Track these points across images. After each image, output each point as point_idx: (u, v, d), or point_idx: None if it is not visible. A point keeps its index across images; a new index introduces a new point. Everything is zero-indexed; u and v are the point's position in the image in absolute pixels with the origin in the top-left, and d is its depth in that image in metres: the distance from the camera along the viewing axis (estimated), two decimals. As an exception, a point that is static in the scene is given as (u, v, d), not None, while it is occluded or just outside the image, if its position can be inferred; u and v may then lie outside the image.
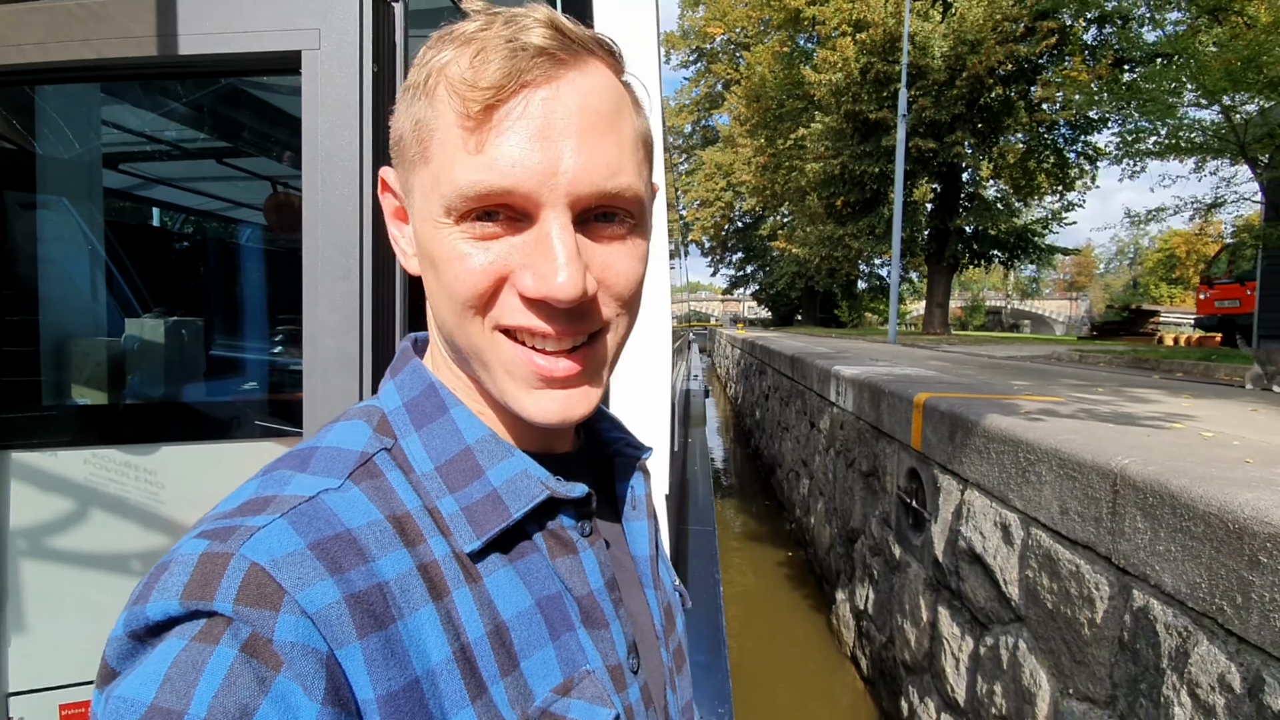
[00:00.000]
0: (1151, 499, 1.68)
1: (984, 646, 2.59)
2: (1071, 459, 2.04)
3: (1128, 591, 1.79)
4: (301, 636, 0.32)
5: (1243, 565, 1.41)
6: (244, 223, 2.87)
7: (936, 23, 12.57)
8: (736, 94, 21.39)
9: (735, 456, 11.86)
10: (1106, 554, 1.86)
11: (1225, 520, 1.46)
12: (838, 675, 4.50)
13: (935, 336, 13.25)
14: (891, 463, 3.84)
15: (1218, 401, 3.53)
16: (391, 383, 0.47)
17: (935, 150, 12.50)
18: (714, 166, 28.62)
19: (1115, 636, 1.83)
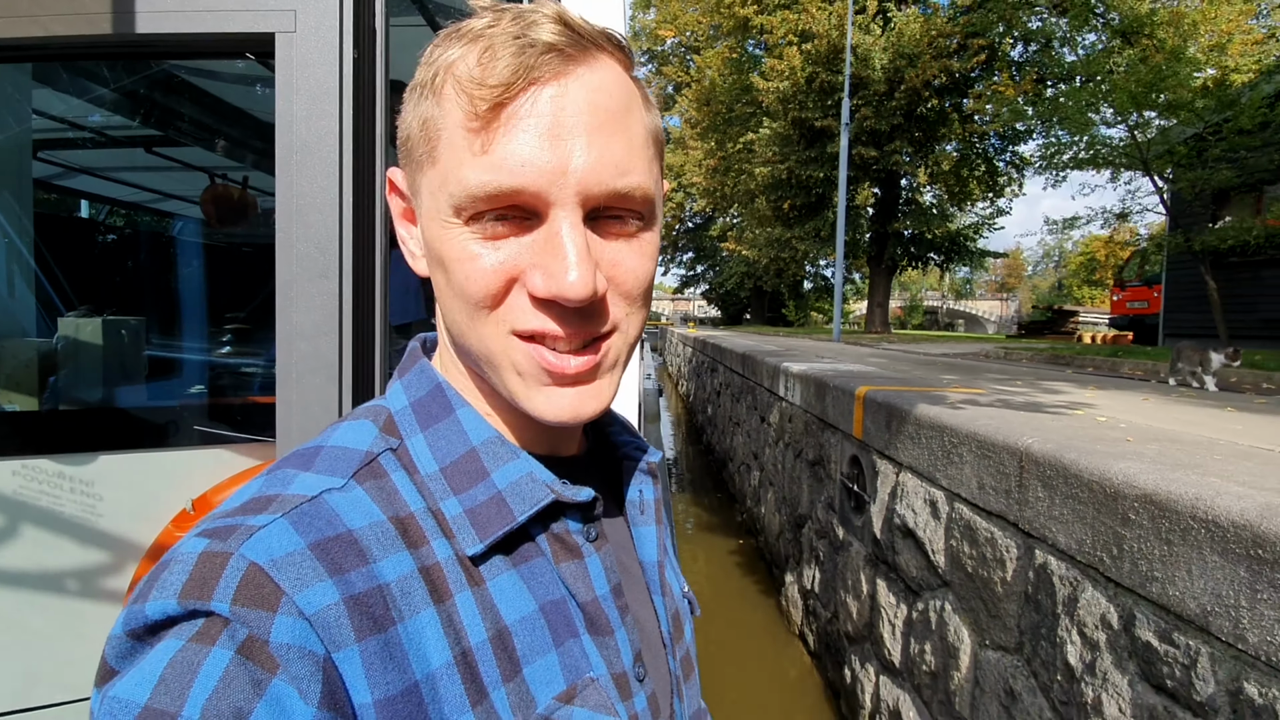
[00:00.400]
0: (1049, 471, 1.98)
1: (916, 611, 2.89)
2: (988, 440, 2.33)
3: (1031, 552, 2.08)
4: (298, 639, 0.31)
5: (1117, 522, 1.71)
6: (179, 216, 2.72)
7: (877, 36, 13.17)
8: (687, 97, 21.73)
9: (688, 453, 12.15)
10: (1015, 521, 2.16)
11: (1104, 486, 1.75)
12: (786, 653, 4.78)
13: (876, 335, 13.89)
14: (835, 451, 4.14)
15: (1117, 392, 3.97)
16: (399, 382, 0.47)
17: (876, 158, 13.12)
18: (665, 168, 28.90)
19: (1021, 591, 2.13)
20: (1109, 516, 1.73)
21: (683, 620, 0.55)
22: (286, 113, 0.94)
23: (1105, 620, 1.75)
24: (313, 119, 0.95)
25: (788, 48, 13.59)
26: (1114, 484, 1.72)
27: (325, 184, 0.95)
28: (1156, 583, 1.57)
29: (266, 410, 1.33)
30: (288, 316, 0.95)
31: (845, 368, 5.33)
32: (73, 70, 1.85)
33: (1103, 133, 7.83)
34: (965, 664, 2.44)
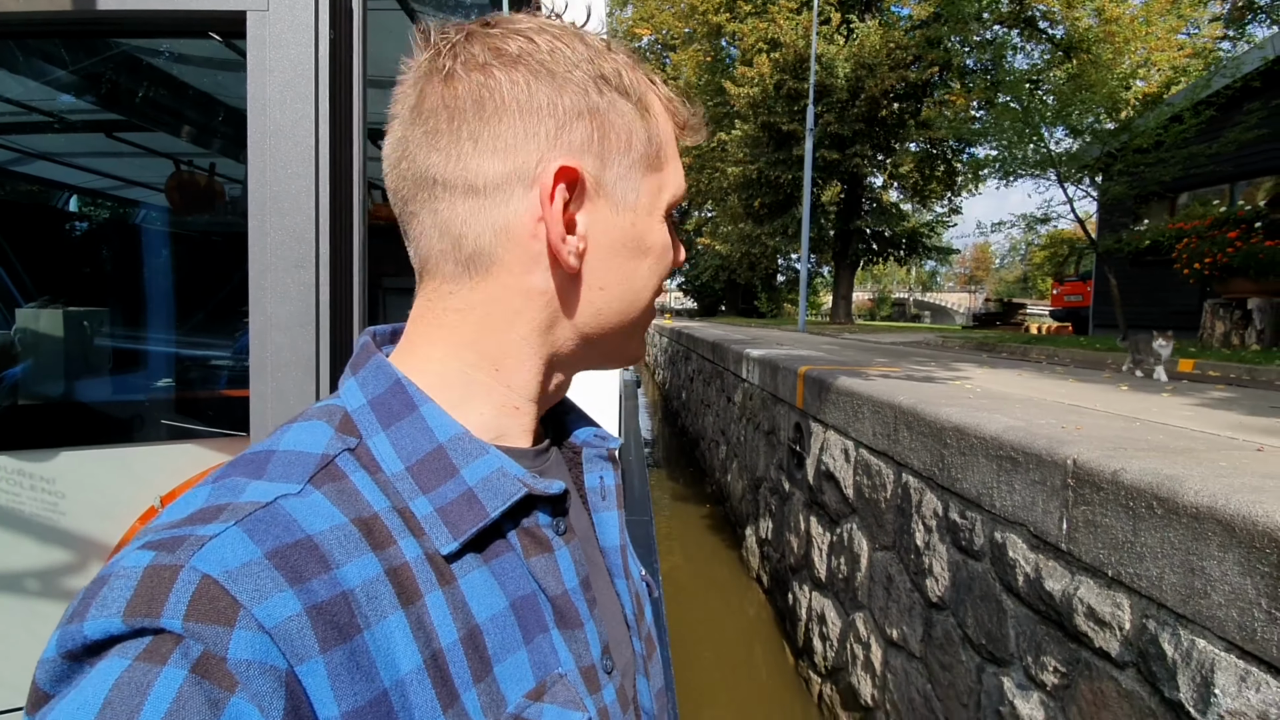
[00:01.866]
0: (910, 418, 2.85)
1: (835, 536, 3.77)
2: (878, 401, 3.21)
3: (900, 475, 2.96)
4: (258, 654, 0.30)
5: (941, 446, 2.58)
6: (144, 204, 2.65)
7: (841, 46, 14.08)
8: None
9: (664, 435, 13.03)
10: (892, 455, 3.04)
11: (936, 424, 2.63)
12: (746, 594, 5.67)
13: (839, 326, 14.90)
14: (784, 420, 5.02)
15: (1002, 370, 4.90)
16: (353, 379, 0.45)
17: (839, 160, 14.07)
18: (642, 163, 29.54)
19: (895, 505, 3.01)
20: (937, 444, 2.61)
21: (643, 601, 0.57)
22: (259, 95, 0.90)
23: (935, 511, 2.63)
24: (287, 102, 0.91)
25: (758, 55, 14.44)
26: (940, 422, 2.59)
27: (301, 170, 0.91)
28: (958, 482, 2.45)
29: (237, 404, 1.29)
30: (262, 308, 0.91)
31: (797, 353, 6.22)
32: (30, 50, 1.76)
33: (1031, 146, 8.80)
34: (864, 565, 3.33)
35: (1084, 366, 5.51)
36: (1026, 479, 2.05)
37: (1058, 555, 1.90)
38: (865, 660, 3.25)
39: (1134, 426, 2.35)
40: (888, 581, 3.06)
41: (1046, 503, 1.95)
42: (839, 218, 16.04)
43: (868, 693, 3.22)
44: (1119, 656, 1.66)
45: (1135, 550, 1.60)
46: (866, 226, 15.56)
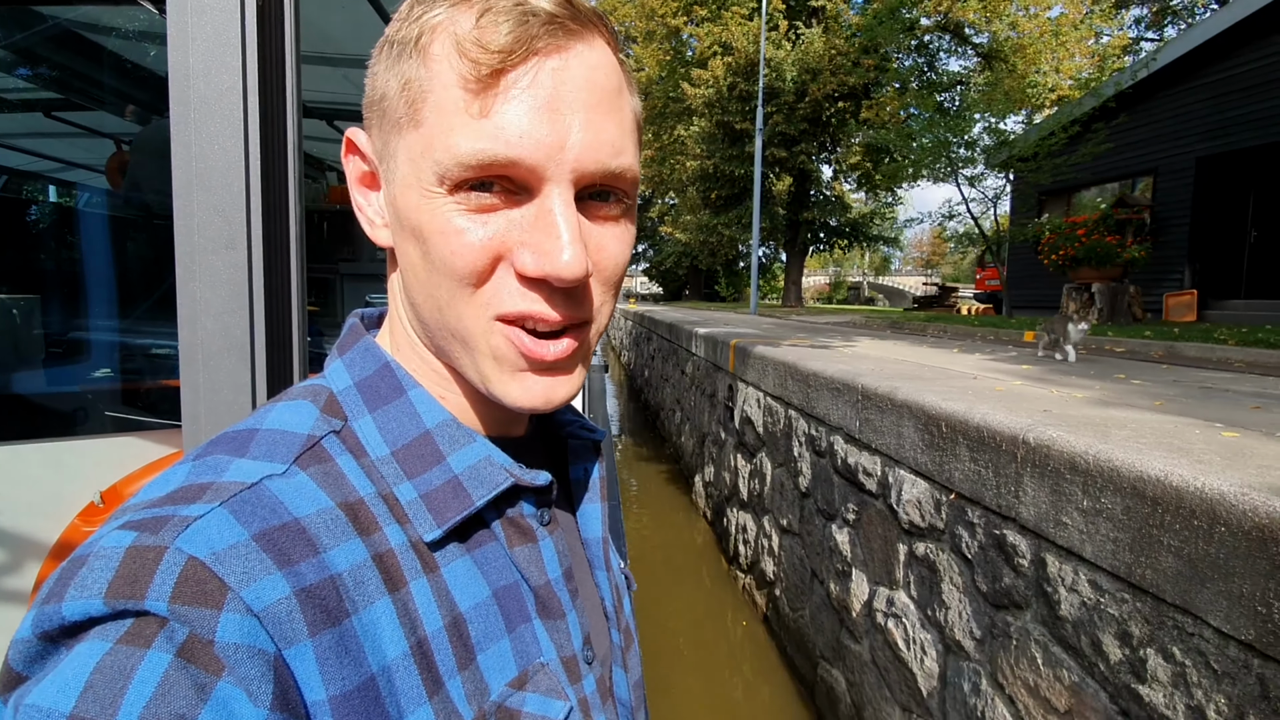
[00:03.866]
0: (794, 371, 4.11)
1: (753, 465, 5.05)
2: (777, 361, 4.46)
3: (788, 412, 4.23)
4: (247, 637, 0.29)
5: (810, 389, 3.85)
6: (84, 186, 2.61)
7: (788, 50, 15.33)
8: (626, 89, 23.43)
9: (629, 409, 14.29)
10: (783, 398, 4.30)
11: (808, 374, 3.88)
12: (695, 526, 6.95)
13: (789, 309, 16.31)
14: (721, 384, 6.28)
15: (887, 341, 6.23)
16: (340, 360, 0.44)
17: (786, 157, 15.38)
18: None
19: (784, 433, 4.28)
20: (805, 386, 3.87)
21: (622, 594, 0.57)
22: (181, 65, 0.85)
23: (803, 431, 3.91)
24: (213, 73, 0.85)
25: (713, 58, 15.59)
26: (806, 371, 3.85)
27: (229, 145, 0.86)
28: (815, 409, 3.72)
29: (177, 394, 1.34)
30: (190, 291, 0.87)
31: (736, 330, 7.49)
32: None
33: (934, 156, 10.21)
34: (769, 481, 4.61)
35: (958, 339, 6.90)
36: (843, 400, 3.32)
37: (854, 442, 3.18)
38: (769, 548, 4.55)
39: (915, 368, 3.65)
40: (780, 488, 4.34)
41: (851, 413, 3.21)
42: (789, 209, 17.42)
43: (771, 570, 4.51)
44: (876, 491, 2.94)
45: (880, 429, 2.87)
46: (814, 217, 16.98)
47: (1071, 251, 7.70)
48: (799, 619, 3.93)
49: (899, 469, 2.72)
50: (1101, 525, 1.64)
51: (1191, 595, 1.39)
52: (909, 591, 2.64)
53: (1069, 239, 7.87)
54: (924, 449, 2.51)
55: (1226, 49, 9.06)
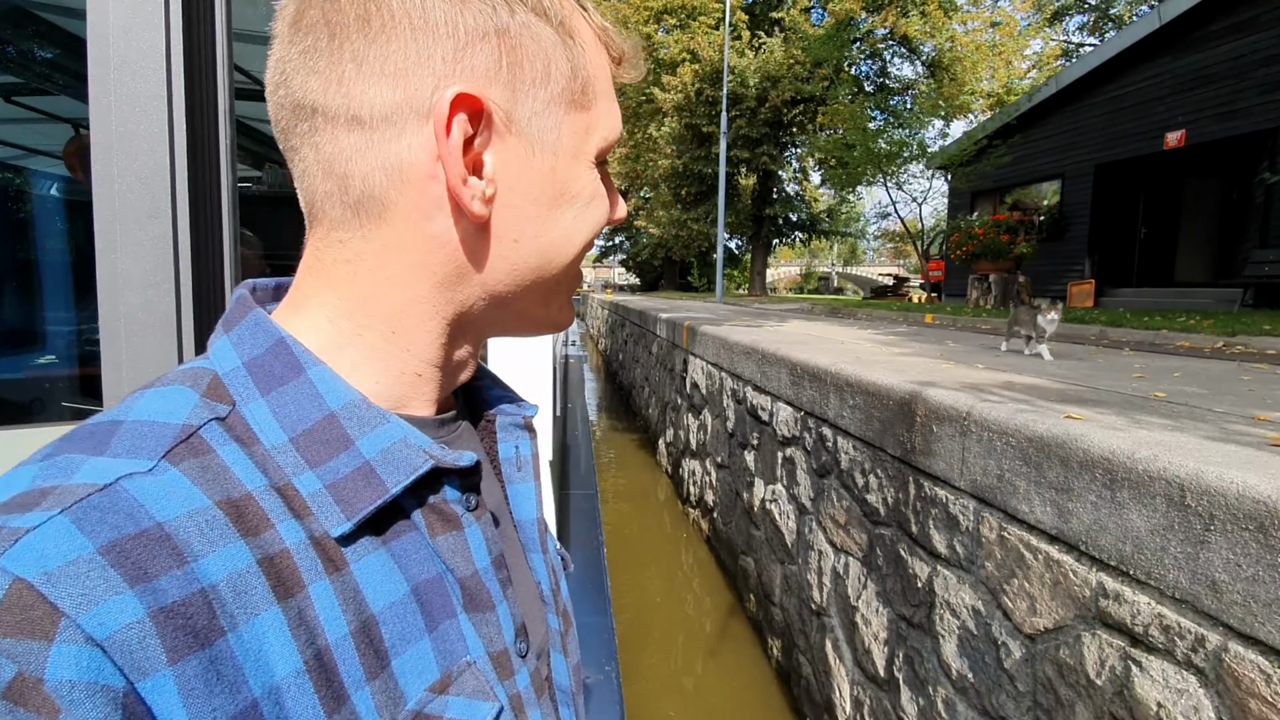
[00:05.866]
0: (725, 343, 5.38)
1: (699, 421, 6.34)
2: (715, 336, 5.73)
3: (722, 376, 5.51)
4: (86, 672, 0.25)
5: (734, 355, 5.13)
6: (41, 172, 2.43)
7: (751, 59, 16.57)
8: (602, 89, 24.51)
9: (606, 390, 15.55)
10: (718, 364, 5.58)
11: (731, 344, 5.16)
12: (659, 482, 8.24)
13: (753, 297, 17.65)
14: (678, 359, 7.55)
15: (817, 323, 7.55)
16: (225, 338, 0.38)
17: (749, 158, 16.67)
18: (584, 147, 31.48)
19: (719, 390, 5.56)
20: (730, 353, 5.15)
21: (559, 576, 0.54)
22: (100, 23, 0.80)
23: (730, 389, 5.19)
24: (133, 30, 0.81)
25: (682, 65, 16.78)
26: (734, 343, 5.13)
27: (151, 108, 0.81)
28: (737, 369, 5.00)
29: None
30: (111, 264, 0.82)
31: (694, 315, 8.77)
32: None
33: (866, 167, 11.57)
34: (710, 433, 5.90)
35: (870, 320, 8.24)
36: (751, 360, 4.60)
37: (757, 389, 4.46)
38: (709, 483, 5.84)
39: (809, 338, 4.94)
40: (716, 435, 5.63)
41: (755, 369, 4.49)
42: (754, 205, 18.73)
43: (710, 499, 5.81)
44: (767, 420, 4.22)
45: (770, 377, 4.15)
46: (776, 213, 18.32)
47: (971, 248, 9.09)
48: (728, 529, 5.23)
49: (778, 402, 4.01)
50: (857, 413, 2.92)
51: (884, 441, 2.68)
52: (782, 483, 3.93)
53: (971, 237, 9.26)
54: (789, 386, 3.79)
55: (1115, 72, 10.51)
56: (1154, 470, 1.46)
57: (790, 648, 3.78)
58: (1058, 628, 1.75)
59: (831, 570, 3.21)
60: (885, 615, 2.68)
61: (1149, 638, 1.48)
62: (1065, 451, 1.72)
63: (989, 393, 2.37)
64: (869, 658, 2.78)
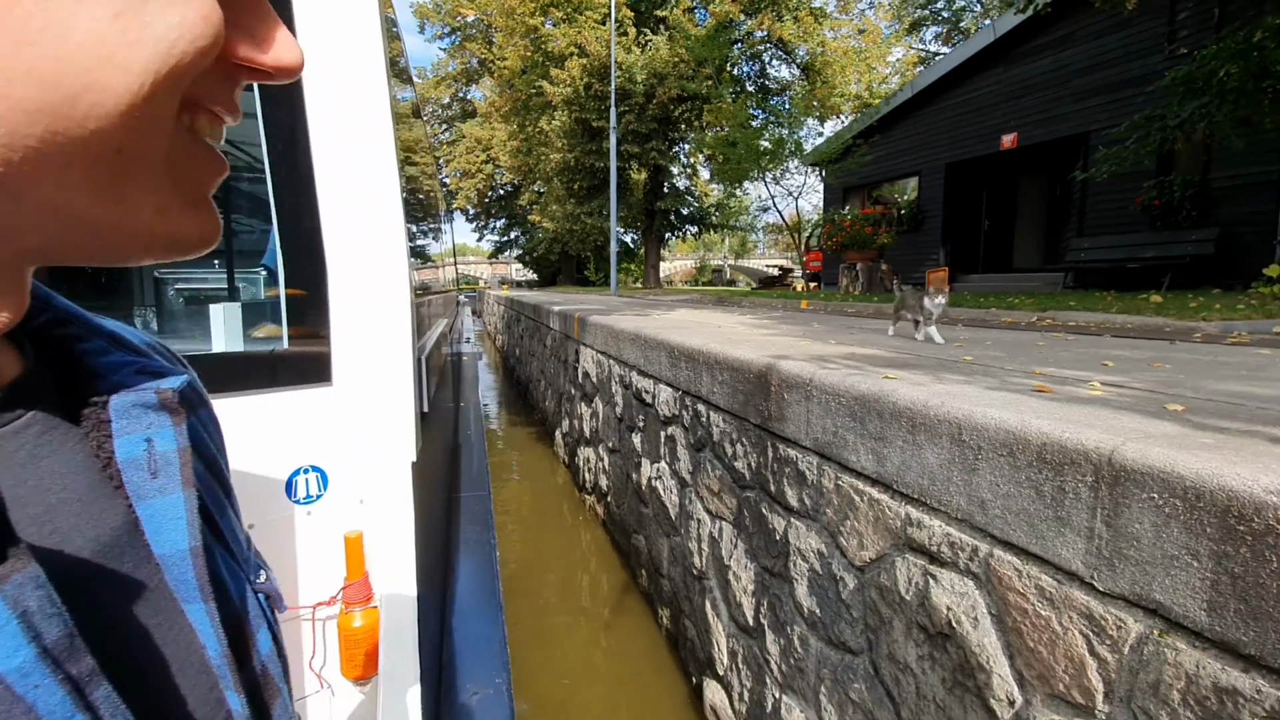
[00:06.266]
0: (611, 331, 5.54)
1: (590, 408, 6.48)
2: (604, 325, 5.88)
3: (610, 363, 5.67)
4: None
5: (618, 341, 5.30)
6: None
7: (638, 55, 16.85)
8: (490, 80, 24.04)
9: (504, 386, 15.37)
10: (606, 352, 5.74)
11: (617, 331, 5.33)
12: (556, 473, 8.32)
13: (648, 290, 18.02)
14: (571, 351, 7.65)
15: (700, 310, 7.90)
16: None
17: (639, 153, 16.98)
18: (474, 140, 30.82)
19: (608, 378, 5.73)
20: (616, 340, 5.32)
21: (252, 627, 0.37)
22: None
23: (617, 374, 5.36)
24: None
25: (570, 59, 16.79)
26: (620, 330, 5.30)
27: None
28: (622, 355, 5.17)
29: None
30: None
31: (586, 307, 8.88)
32: None
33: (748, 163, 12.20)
34: (601, 419, 6.05)
35: (751, 308, 8.74)
36: (635, 346, 4.78)
37: (641, 374, 4.65)
38: (603, 469, 6.00)
39: (688, 324, 5.19)
40: (607, 421, 5.79)
41: (639, 354, 4.68)
42: (645, 199, 19.10)
43: (604, 484, 5.97)
44: (650, 403, 4.42)
45: (652, 361, 4.35)
46: (667, 207, 18.78)
47: (840, 239, 9.84)
48: (621, 511, 5.41)
49: (660, 384, 4.21)
50: (725, 388, 3.16)
51: (747, 411, 2.92)
52: (666, 460, 4.15)
53: (840, 229, 10.02)
54: (669, 368, 4.00)
55: (961, 79, 11.65)
56: (941, 415, 1.75)
57: (678, 614, 4.00)
58: (879, 557, 2.03)
59: (709, 536, 3.45)
60: (752, 569, 2.93)
61: (941, 554, 1.76)
62: (880, 405, 1.99)
63: (832, 362, 2.65)
64: (740, 610, 3.03)
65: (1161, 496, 1.21)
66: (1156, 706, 1.23)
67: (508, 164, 23.67)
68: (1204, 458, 1.19)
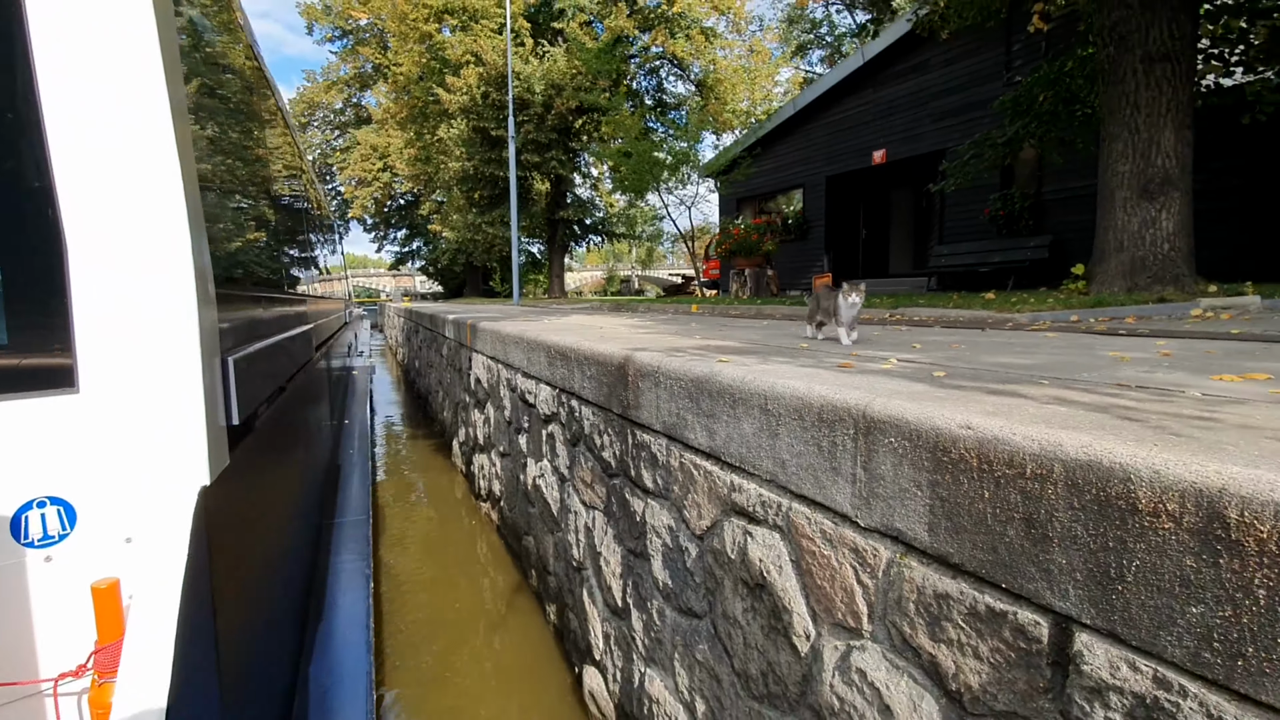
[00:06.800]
0: (500, 336, 5.58)
1: (483, 415, 6.46)
2: (493, 331, 5.90)
3: (495, 365, 5.70)
4: None
5: (504, 345, 5.35)
6: None
7: (536, 65, 16.92)
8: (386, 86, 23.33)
9: (406, 399, 14.90)
10: (495, 358, 5.77)
11: (502, 335, 5.38)
12: (454, 483, 8.19)
13: (551, 299, 18.03)
14: (464, 357, 7.58)
15: (593, 315, 8.06)
16: None
17: (539, 163, 17.02)
18: (369, 148, 29.74)
19: (496, 382, 5.75)
20: (506, 345, 5.36)
21: None
22: None
23: (505, 378, 5.40)
24: None
25: (465, 67, 16.62)
26: (506, 334, 5.35)
27: None
28: (511, 358, 5.22)
29: None
30: None
31: (478, 315, 8.83)
32: None
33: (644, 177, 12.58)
34: (492, 423, 6.05)
35: (643, 313, 9.02)
36: (520, 349, 4.85)
37: (526, 375, 4.73)
38: (495, 474, 5.99)
39: (576, 327, 5.32)
40: (497, 426, 5.81)
41: (523, 356, 4.75)
42: (548, 209, 19.14)
43: (497, 489, 5.97)
44: (533, 403, 4.50)
45: (534, 362, 4.43)
46: (569, 216, 18.90)
47: (729, 246, 10.36)
48: (513, 514, 5.43)
49: (540, 384, 4.31)
50: (593, 382, 3.30)
51: (611, 402, 3.07)
52: (548, 458, 4.24)
53: (729, 237, 10.54)
54: (547, 367, 4.10)
55: (837, 98, 12.53)
56: (753, 389, 1.95)
57: (563, 608, 4.09)
58: (713, 524, 2.22)
59: (584, 527, 3.57)
60: (619, 553, 3.08)
61: (755, 513, 1.97)
62: (710, 386, 2.19)
63: (682, 353, 2.85)
64: (610, 594, 3.17)
65: (897, 440, 1.44)
66: (900, 619, 1.46)
67: (406, 172, 23.00)
68: (928, 406, 1.44)
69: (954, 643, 1.33)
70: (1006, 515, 1.20)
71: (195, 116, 1.59)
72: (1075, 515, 1.09)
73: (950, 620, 1.34)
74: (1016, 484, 1.18)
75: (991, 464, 1.22)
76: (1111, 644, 1.05)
